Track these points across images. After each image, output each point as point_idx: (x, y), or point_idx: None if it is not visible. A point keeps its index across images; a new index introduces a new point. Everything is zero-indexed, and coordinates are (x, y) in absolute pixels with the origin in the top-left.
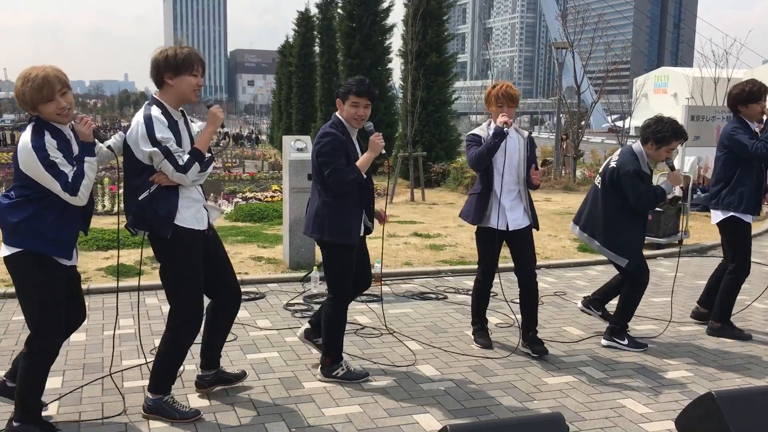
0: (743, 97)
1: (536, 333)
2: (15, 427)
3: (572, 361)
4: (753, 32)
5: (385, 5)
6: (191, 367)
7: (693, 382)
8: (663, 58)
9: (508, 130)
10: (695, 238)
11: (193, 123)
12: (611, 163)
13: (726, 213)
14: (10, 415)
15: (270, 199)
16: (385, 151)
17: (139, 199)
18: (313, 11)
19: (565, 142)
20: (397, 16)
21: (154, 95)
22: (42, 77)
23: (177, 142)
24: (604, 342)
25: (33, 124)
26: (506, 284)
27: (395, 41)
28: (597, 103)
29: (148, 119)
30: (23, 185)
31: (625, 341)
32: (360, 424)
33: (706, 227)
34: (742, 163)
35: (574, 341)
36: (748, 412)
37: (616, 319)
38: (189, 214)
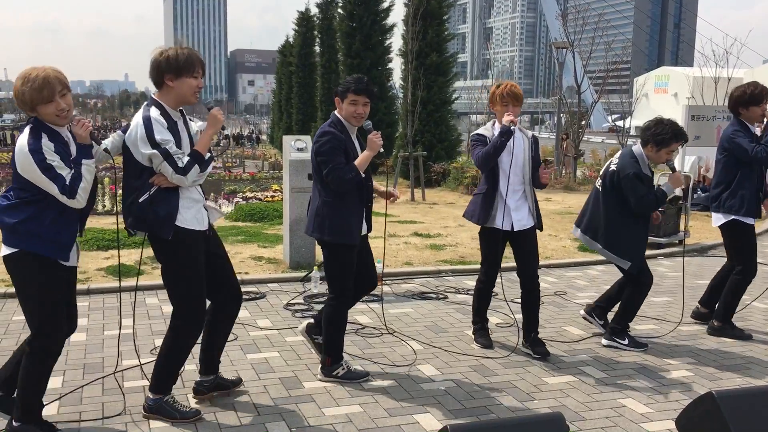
0: (744, 100)
1: (537, 334)
2: (15, 427)
3: (573, 361)
4: (753, 32)
5: (385, 5)
6: (191, 366)
7: (693, 382)
8: (663, 57)
9: (515, 129)
10: (696, 238)
11: (192, 122)
12: (611, 165)
13: (727, 216)
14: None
15: (270, 199)
16: (384, 150)
17: (140, 201)
18: (314, 11)
19: (565, 142)
20: (397, 15)
21: (152, 96)
22: (42, 78)
23: (176, 144)
24: (605, 342)
25: (30, 126)
26: (507, 284)
27: (395, 41)
28: (597, 102)
29: (147, 121)
30: (21, 187)
31: (626, 341)
32: (360, 423)
33: (706, 227)
34: (742, 166)
35: (575, 341)
36: (748, 411)
37: (617, 319)
38: (190, 214)
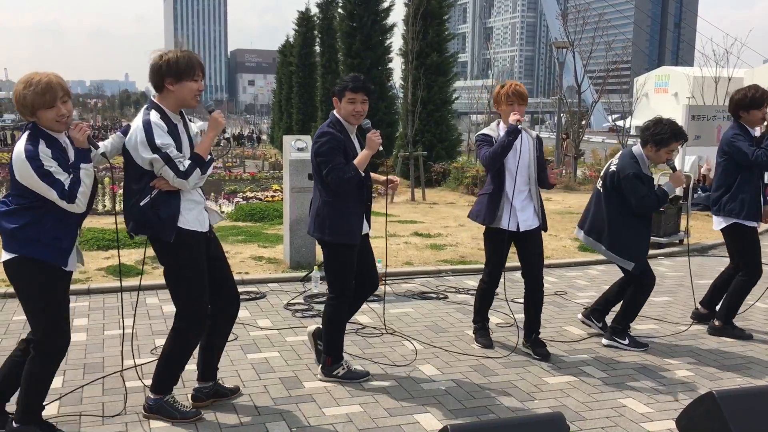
0: (745, 103)
1: (539, 335)
2: (15, 428)
3: (573, 361)
4: (753, 32)
5: (385, 5)
6: (192, 366)
7: (694, 382)
8: (664, 57)
9: (522, 127)
10: (696, 238)
11: (192, 123)
12: (611, 166)
13: (728, 220)
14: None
15: (270, 199)
16: (384, 150)
17: (141, 204)
18: (314, 11)
19: (565, 142)
20: (397, 15)
21: (152, 98)
22: (45, 82)
23: (177, 147)
24: (605, 341)
25: (28, 132)
26: (508, 284)
27: (396, 41)
28: (597, 102)
29: (147, 125)
30: (20, 194)
31: (626, 341)
32: (361, 423)
33: (706, 226)
34: (742, 169)
35: (575, 341)
36: (749, 411)
37: (618, 319)
38: (191, 216)
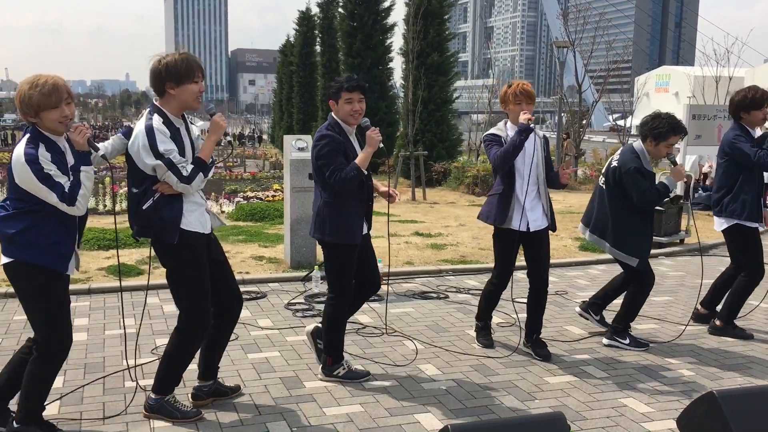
0: (745, 104)
1: (540, 335)
2: (16, 428)
3: (573, 361)
4: (754, 31)
5: (386, 4)
6: (192, 366)
7: (694, 382)
8: (664, 56)
9: (534, 126)
10: (696, 237)
11: (193, 125)
12: (613, 162)
13: (729, 221)
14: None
15: (271, 199)
16: (385, 147)
17: (144, 208)
18: (314, 10)
19: (566, 142)
20: (398, 15)
21: (155, 102)
22: (52, 83)
23: (179, 151)
24: (606, 341)
25: (28, 136)
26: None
27: (396, 40)
28: (598, 102)
29: (150, 131)
30: (18, 198)
31: (627, 340)
32: (361, 423)
33: (707, 226)
34: (743, 170)
35: (576, 340)
36: (749, 411)
37: (619, 319)
38: (194, 217)
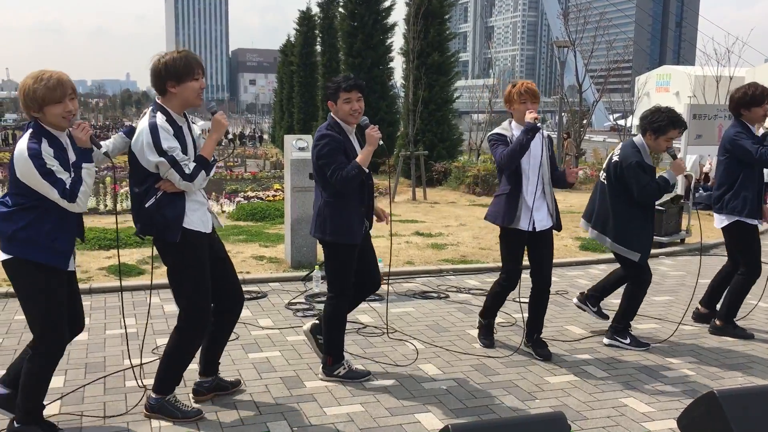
0: (746, 101)
1: (540, 335)
2: (16, 428)
3: (574, 360)
4: (755, 31)
5: (386, 4)
6: (193, 366)
7: (695, 381)
8: (665, 56)
9: (541, 125)
10: (697, 237)
11: (194, 124)
12: (614, 157)
13: (730, 218)
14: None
15: (272, 199)
16: (386, 146)
17: (146, 206)
18: (315, 10)
19: (566, 141)
20: (398, 14)
21: (157, 101)
22: (56, 78)
23: (182, 149)
24: (606, 341)
25: (30, 131)
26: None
27: (397, 40)
28: (599, 101)
29: (154, 128)
30: (19, 193)
31: (627, 340)
32: (362, 423)
33: (707, 226)
34: (744, 167)
35: (576, 340)
36: (750, 411)
37: (619, 318)
38: (196, 217)
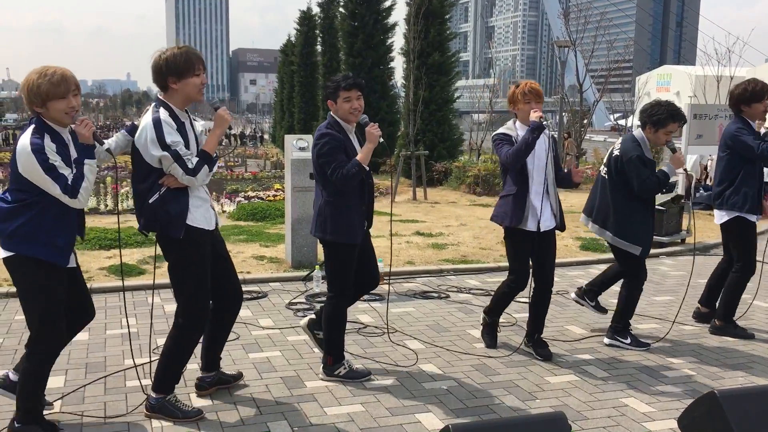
0: (746, 97)
1: (541, 335)
2: (17, 428)
3: (574, 360)
4: (755, 30)
5: (387, 4)
6: (193, 366)
7: (696, 381)
8: (665, 56)
9: (546, 124)
10: (698, 237)
11: (195, 122)
12: (614, 151)
13: (731, 213)
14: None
15: (272, 198)
16: (386, 146)
17: (150, 201)
18: (315, 10)
19: (567, 141)
20: (399, 14)
21: (159, 97)
22: (60, 74)
23: (185, 144)
24: (607, 341)
25: (33, 126)
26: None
27: (397, 40)
28: (599, 101)
29: (157, 123)
30: (20, 188)
31: (628, 340)
32: (362, 423)
33: (708, 226)
34: (745, 163)
35: (577, 340)
36: (750, 411)
37: (617, 318)
38: (199, 213)
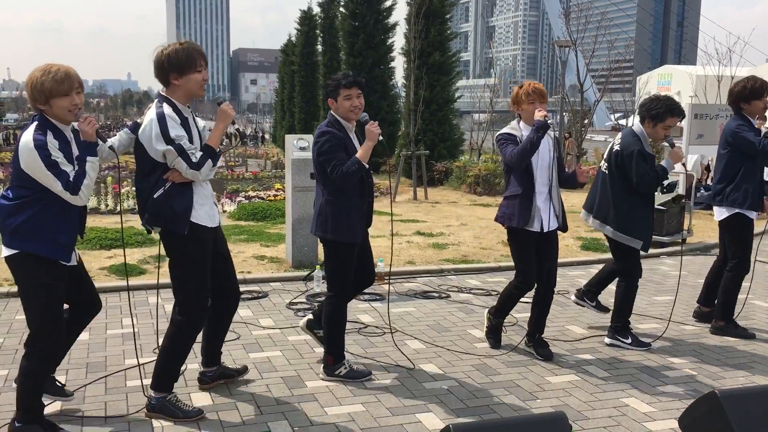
0: (745, 95)
1: (542, 335)
2: (17, 428)
3: (575, 360)
4: (756, 30)
5: (387, 4)
6: (194, 366)
7: (696, 381)
8: (666, 56)
9: (552, 123)
10: (698, 237)
11: (197, 119)
12: (615, 146)
13: (731, 210)
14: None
15: (273, 198)
16: (387, 149)
17: (155, 196)
18: (316, 10)
19: (568, 141)
20: (399, 14)
21: (162, 93)
22: (64, 71)
23: (189, 139)
24: (607, 341)
25: (36, 123)
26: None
27: (398, 40)
28: (600, 101)
29: (162, 117)
30: (22, 185)
31: (629, 340)
32: (363, 423)
33: (709, 225)
34: (746, 160)
35: (577, 340)
36: (751, 411)
37: (615, 317)
38: (203, 211)
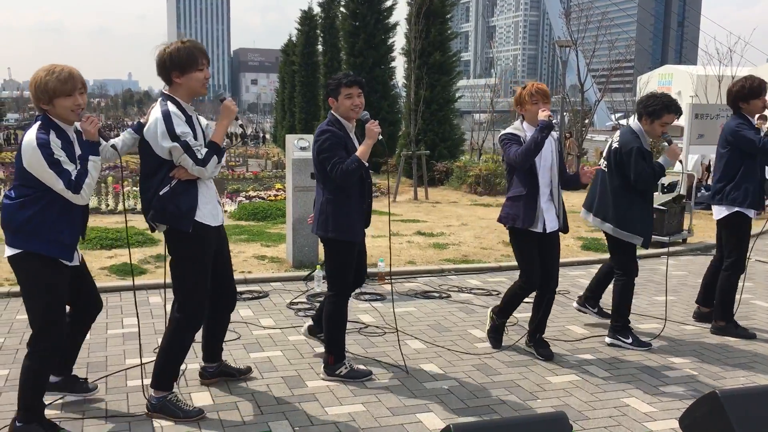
0: (744, 94)
1: (542, 335)
2: (18, 428)
3: (576, 360)
4: (757, 30)
5: (388, 4)
6: (194, 365)
7: (697, 381)
8: (667, 56)
9: (555, 122)
10: (699, 237)
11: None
12: (614, 144)
13: (731, 208)
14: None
15: (273, 198)
16: (387, 148)
17: (161, 193)
18: (316, 10)
19: (568, 141)
20: (400, 14)
21: (165, 91)
22: (68, 72)
23: (193, 136)
24: (608, 341)
25: (39, 122)
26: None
27: (398, 40)
28: (601, 101)
29: (167, 115)
30: (24, 184)
31: (629, 339)
32: (363, 422)
33: (709, 225)
34: (746, 158)
35: (578, 340)
36: (752, 411)
37: (614, 316)
38: (207, 210)
